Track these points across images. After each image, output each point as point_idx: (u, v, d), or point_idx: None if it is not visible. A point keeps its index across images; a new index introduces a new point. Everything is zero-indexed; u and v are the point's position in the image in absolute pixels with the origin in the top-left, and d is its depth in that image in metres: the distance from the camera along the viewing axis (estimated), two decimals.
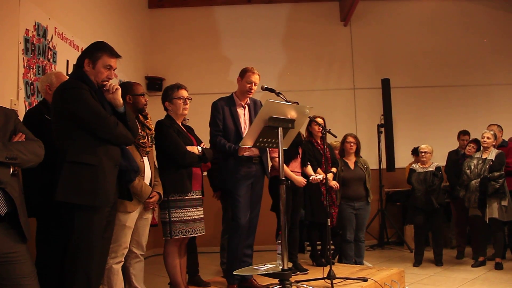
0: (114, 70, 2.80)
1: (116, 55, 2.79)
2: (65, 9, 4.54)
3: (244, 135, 3.75)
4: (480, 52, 7.75)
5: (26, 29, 3.75)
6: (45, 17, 4.06)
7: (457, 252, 5.99)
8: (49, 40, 4.13)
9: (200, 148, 3.58)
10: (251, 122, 3.87)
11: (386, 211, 7.04)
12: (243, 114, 3.90)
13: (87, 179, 2.56)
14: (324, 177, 4.30)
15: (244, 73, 3.89)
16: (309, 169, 4.63)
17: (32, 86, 3.79)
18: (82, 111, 2.58)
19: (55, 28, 4.23)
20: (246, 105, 3.93)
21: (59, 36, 4.31)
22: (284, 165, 4.35)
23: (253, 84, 3.86)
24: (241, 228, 3.70)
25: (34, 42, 3.87)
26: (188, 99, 3.65)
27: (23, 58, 3.70)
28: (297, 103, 4.11)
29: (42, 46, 4.00)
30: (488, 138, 5.36)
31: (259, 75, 3.89)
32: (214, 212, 5.88)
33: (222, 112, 3.82)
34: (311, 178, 4.51)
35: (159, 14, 7.69)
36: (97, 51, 2.73)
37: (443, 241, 6.05)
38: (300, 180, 4.41)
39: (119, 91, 2.76)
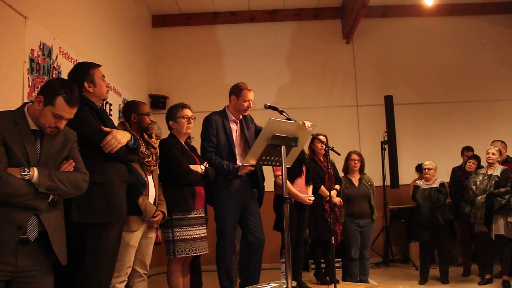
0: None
1: (99, 64, 2.90)
2: (70, 29, 4.59)
3: (236, 151, 3.76)
4: (483, 68, 7.75)
5: (32, 49, 3.79)
6: (50, 37, 4.10)
7: (463, 269, 5.91)
8: (54, 59, 4.17)
9: (203, 167, 3.58)
10: (243, 137, 3.88)
11: (390, 228, 6.98)
12: (235, 130, 3.89)
13: (99, 198, 2.62)
14: (328, 194, 4.29)
15: (240, 91, 3.83)
16: (309, 188, 4.61)
17: None
18: (84, 131, 2.61)
19: (60, 47, 4.27)
20: (238, 121, 3.92)
21: (63, 55, 4.35)
22: (288, 182, 4.34)
23: (250, 102, 3.84)
24: (229, 246, 3.76)
25: (39, 62, 3.90)
26: (192, 118, 3.66)
27: (28, 77, 3.73)
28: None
29: (47, 66, 4.03)
30: (493, 154, 5.33)
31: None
32: None
33: (216, 127, 3.80)
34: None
35: (162, 33, 7.74)
36: (88, 70, 2.82)
37: (449, 258, 5.97)
38: (304, 197, 4.39)
39: (120, 144, 2.73)
